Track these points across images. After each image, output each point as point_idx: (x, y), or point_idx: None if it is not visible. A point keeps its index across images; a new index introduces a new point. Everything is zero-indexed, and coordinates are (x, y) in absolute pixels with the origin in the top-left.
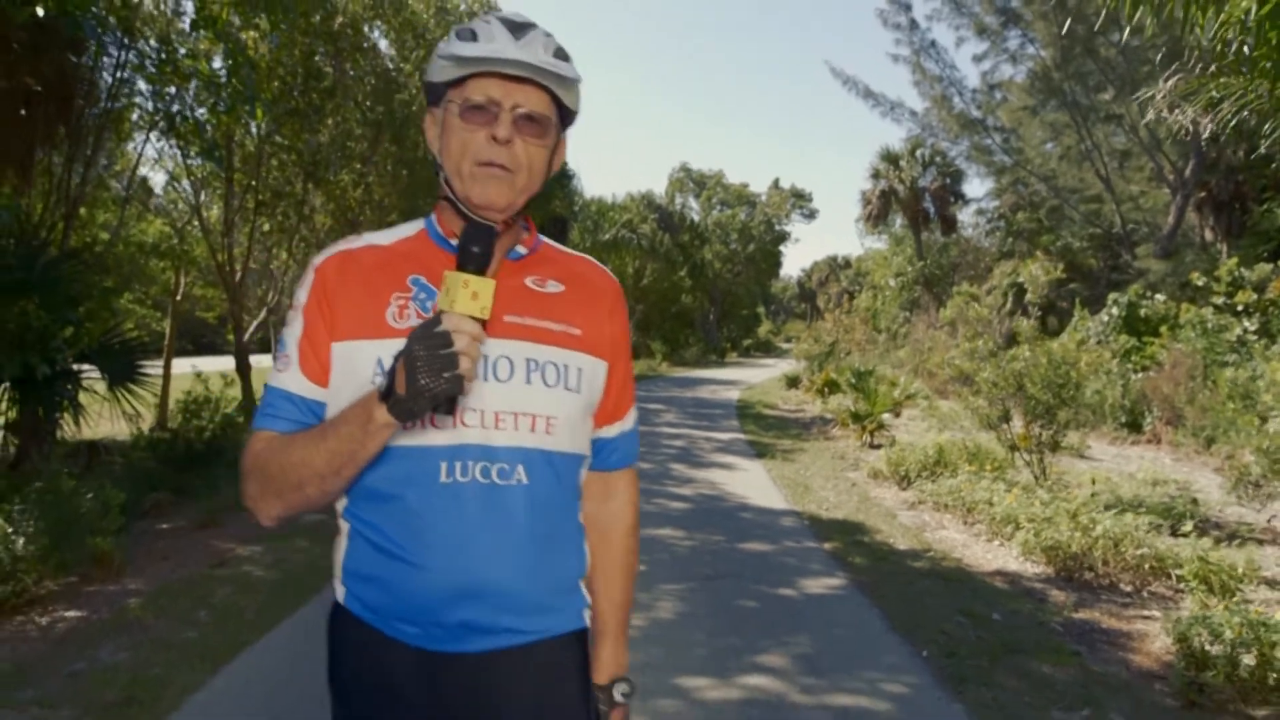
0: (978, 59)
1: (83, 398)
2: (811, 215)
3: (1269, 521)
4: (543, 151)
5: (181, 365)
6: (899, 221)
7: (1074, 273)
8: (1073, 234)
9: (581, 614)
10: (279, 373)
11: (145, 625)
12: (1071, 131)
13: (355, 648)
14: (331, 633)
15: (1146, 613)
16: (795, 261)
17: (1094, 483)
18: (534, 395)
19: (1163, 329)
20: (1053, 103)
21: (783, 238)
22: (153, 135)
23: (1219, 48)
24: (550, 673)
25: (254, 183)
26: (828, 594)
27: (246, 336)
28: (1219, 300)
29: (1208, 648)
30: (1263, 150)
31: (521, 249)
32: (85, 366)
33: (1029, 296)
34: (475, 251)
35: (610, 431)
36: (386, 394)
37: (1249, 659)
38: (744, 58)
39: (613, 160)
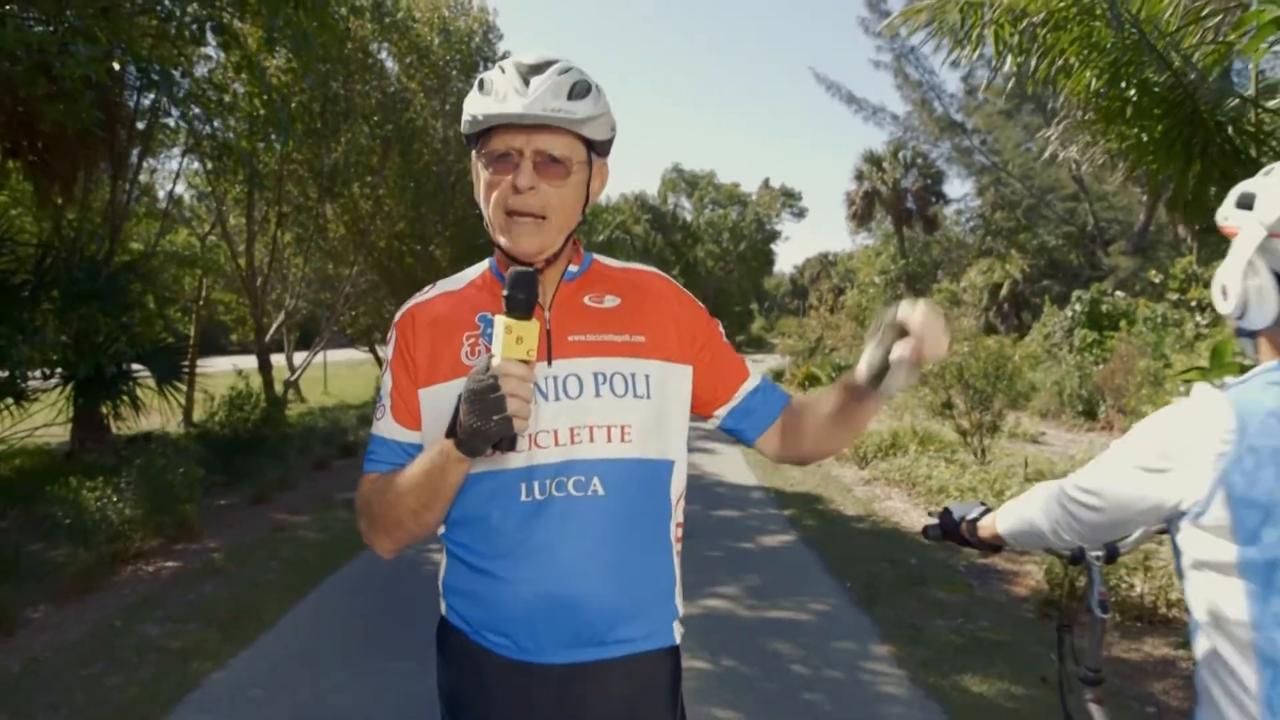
0: (954, 65)
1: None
2: (801, 214)
3: None
4: (569, 190)
5: (220, 364)
6: (888, 220)
7: (1051, 269)
8: (1049, 232)
9: (672, 628)
10: (377, 420)
11: (231, 572)
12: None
13: (456, 658)
14: (438, 644)
15: (1036, 559)
16: (788, 258)
17: (1026, 462)
18: (605, 406)
19: (1122, 324)
20: (1028, 106)
21: (773, 236)
22: (180, 153)
23: (1083, 101)
24: (640, 689)
25: (276, 197)
26: (780, 546)
27: (267, 338)
28: (1174, 296)
29: (1060, 573)
30: (1117, 183)
31: (574, 268)
32: (136, 367)
33: (973, 298)
34: (520, 298)
35: (737, 397)
36: (451, 432)
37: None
38: (733, 58)
39: None
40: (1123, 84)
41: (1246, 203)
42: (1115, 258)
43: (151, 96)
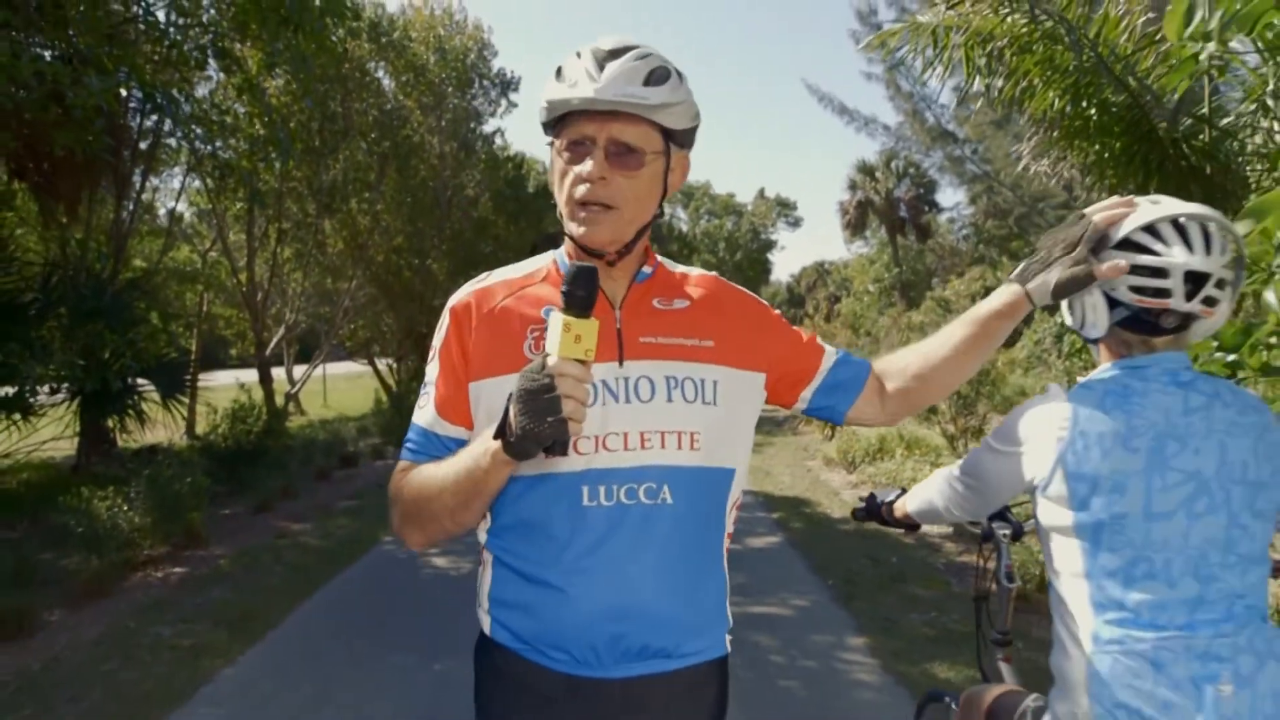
0: (942, 77)
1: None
2: (796, 224)
3: None
4: (643, 181)
5: (220, 378)
6: (884, 229)
7: None
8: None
9: (724, 640)
10: (420, 409)
11: (238, 576)
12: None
13: (505, 678)
14: (479, 663)
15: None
16: (785, 267)
17: None
18: (676, 412)
19: None
20: (1018, 116)
21: (769, 246)
22: (181, 172)
23: (1048, 119)
24: (695, 700)
25: (276, 214)
26: (767, 547)
27: (268, 351)
28: None
29: (1032, 570)
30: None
31: (646, 269)
32: (141, 381)
33: (956, 306)
34: (579, 295)
35: (820, 373)
36: (500, 433)
37: None
38: (727, 70)
39: None
40: (1084, 103)
41: None
42: None
43: (155, 118)
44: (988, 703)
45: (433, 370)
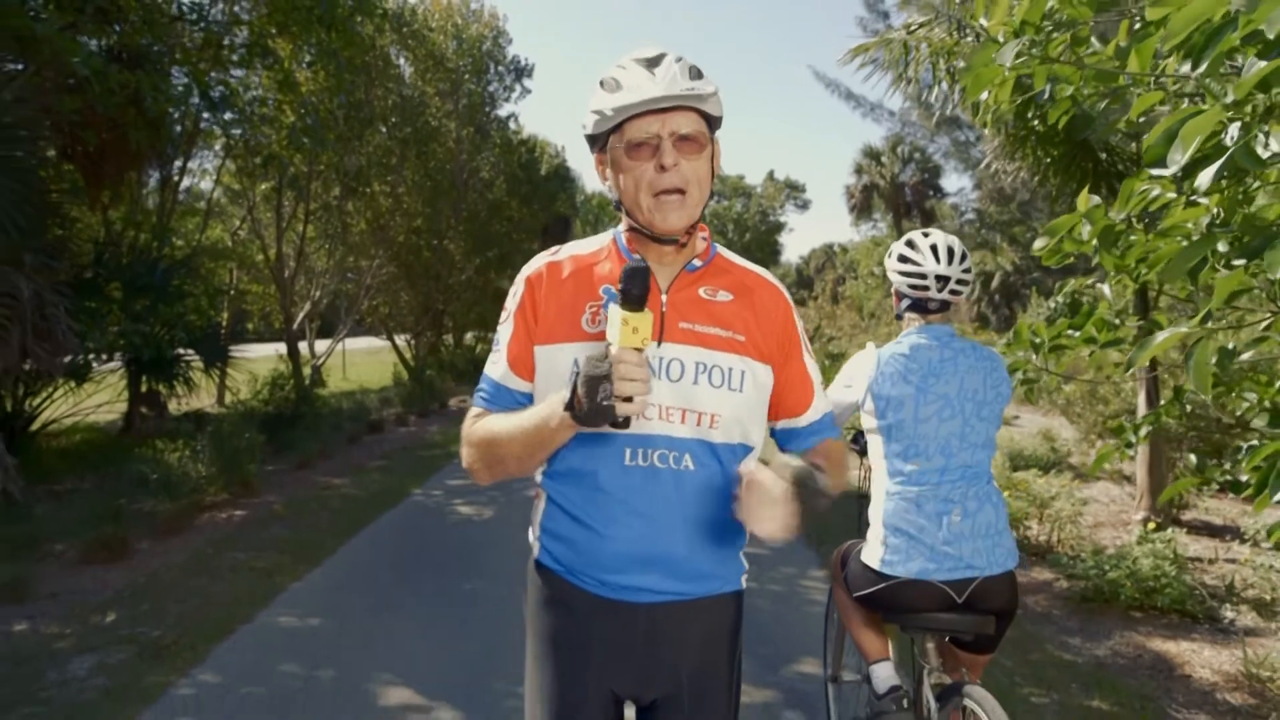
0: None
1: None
2: (804, 206)
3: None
4: (704, 163)
5: (251, 351)
6: (890, 213)
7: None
8: (1042, 224)
9: (740, 579)
10: (493, 364)
11: (290, 519)
12: None
13: (547, 593)
14: (530, 580)
15: None
16: (795, 249)
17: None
18: (700, 394)
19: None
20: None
21: (778, 228)
22: (217, 155)
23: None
24: (709, 623)
25: (304, 195)
26: None
27: (295, 326)
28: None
29: None
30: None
31: (697, 261)
32: (186, 351)
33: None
34: (635, 293)
35: (800, 422)
36: (570, 404)
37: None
38: (737, 51)
39: None
40: (1028, 115)
41: (889, 254)
42: None
43: (197, 106)
44: (843, 549)
45: (505, 331)
